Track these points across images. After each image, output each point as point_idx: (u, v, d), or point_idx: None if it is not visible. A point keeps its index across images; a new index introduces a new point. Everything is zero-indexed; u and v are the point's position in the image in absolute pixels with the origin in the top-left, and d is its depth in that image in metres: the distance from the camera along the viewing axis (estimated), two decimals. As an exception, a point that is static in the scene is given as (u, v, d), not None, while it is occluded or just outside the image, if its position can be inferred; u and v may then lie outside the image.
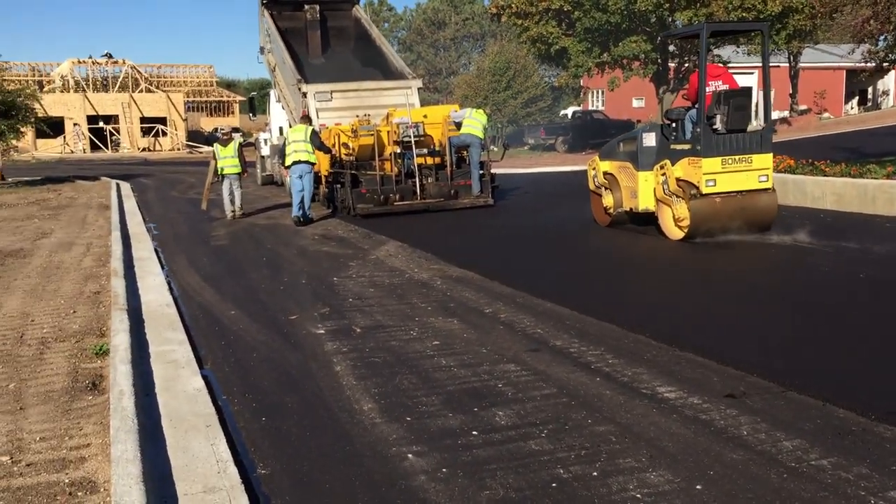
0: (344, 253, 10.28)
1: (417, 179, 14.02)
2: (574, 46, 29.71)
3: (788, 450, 3.87)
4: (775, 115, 44.24)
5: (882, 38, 15.03)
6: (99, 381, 5.03)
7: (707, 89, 9.61)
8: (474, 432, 4.23)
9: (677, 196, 9.79)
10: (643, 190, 10.46)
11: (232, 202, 14.73)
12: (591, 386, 4.87)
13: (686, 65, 30.87)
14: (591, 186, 11.90)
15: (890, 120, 34.95)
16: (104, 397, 4.67)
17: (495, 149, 20.26)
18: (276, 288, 8.23)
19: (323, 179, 14.97)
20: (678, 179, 9.75)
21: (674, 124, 10.23)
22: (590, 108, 47.89)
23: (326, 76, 17.00)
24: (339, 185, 14.60)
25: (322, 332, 6.40)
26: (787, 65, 42.23)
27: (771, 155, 9.70)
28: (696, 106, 9.72)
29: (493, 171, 15.01)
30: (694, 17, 27.26)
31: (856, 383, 4.74)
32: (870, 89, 51.84)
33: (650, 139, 10.43)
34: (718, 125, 9.57)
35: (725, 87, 9.88)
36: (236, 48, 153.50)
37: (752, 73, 48.13)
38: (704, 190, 9.41)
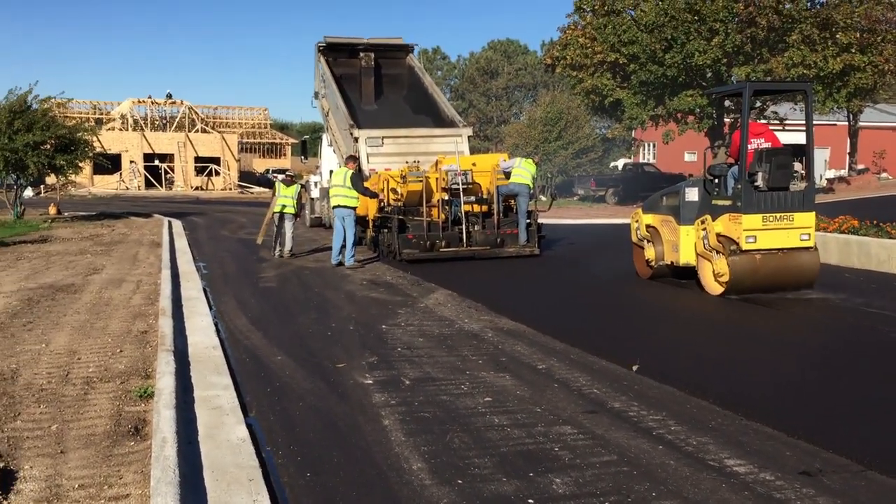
0: (392, 300, 10.13)
1: (464, 227, 14.03)
2: (629, 99, 29.60)
3: (875, 538, 3.54)
4: (831, 173, 43.45)
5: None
6: (142, 425, 4.89)
7: (749, 147, 9.68)
8: (530, 500, 3.97)
9: (717, 251, 9.82)
10: (684, 244, 10.52)
11: (282, 242, 15.06)
12: (653, 454, 4.58)
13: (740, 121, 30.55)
14: (634, 239, 11.98)
15: (952, 182, 33.99)
16: (146, 444, 4.53)
17: (543, 199, 20.18)
18: (323, 333, 8.09)
19: (370, 223, 14.99)
20: (718, 235, 9.78)
21: (716, 180, 10.23)
22: (641, 160, 47.60)
23: (378, 122, 17.20)
24: (385, 230, 14.62)
25: (370, 382, 6.21)
26: (847, 123, 41.53)
27: (813, 214, 9.71)
28: (739, 163, 9.72)
29: (539, 220, 14.98)
30: (752, 73, 27.04)
31: (944, 466, 4.38)
32: (931, 150, 50.67)
33: (693, 194, 10.49)
34: (760, 182, 9.59)
35: (768, 144, 9.98)
36: (290, 92, 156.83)
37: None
38: (744, 246, 9.43)
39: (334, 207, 13.71)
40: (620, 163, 48.54)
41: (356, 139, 16.23)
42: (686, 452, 4.61)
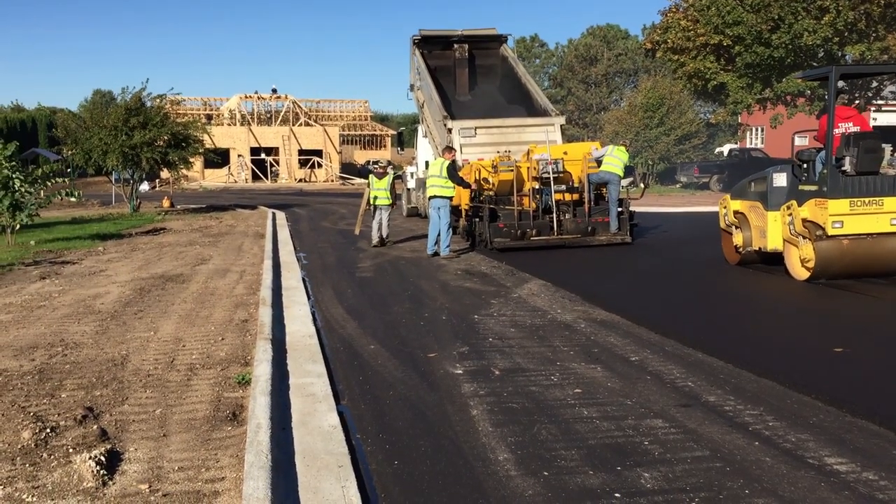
0: (486, 290, 10.14)
1: (555, 215, 14.09)
2: (733, 82, 28.58)
3: None
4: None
5: None
6: (239, 411, 5.07)
7: (837, 131, 9.68)
8: (616, 494, 3.92)
9: (804, 237, 9.81)
10: (772, 230, 10.53)
11: (380, 230, 15.46)
12: (748, 451, 4.44)
13: (857, 101, 29.04)
14: (722, 225, 12.01)
15: None
16: (242, 429, 4.69)
17: (641, 185, 19.93)
18: (416, 323, 8.18)
19: (463, 213, 15.13)
20: (805, 220, 9.76)
21: (804, 165, 10.16)
22: (748, 145, 45.96)
23: (472, 113, 17.33)
24: (478, 219, 14.76)
25: (460, 372, 6.24)
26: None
27: None
28: (825, 147, 9.70)
29: (632, 208, 14.95)
30: (866, 52, 25.67)
31: None
32: None
33: (781, 179, 10.49)
34: (847, 167, 9.51)
35: (856, 129, 9.89)
36: (391, 84, 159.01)
37: (930, 111, 44.81)
38: (830, 231, 9.38)
39: (431, 198, 13.85)
40: (726, 148, 47.00)
41: (449, 130, 16.39)
42: (784, 449, 4.45)
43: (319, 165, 61.22)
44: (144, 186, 42.67)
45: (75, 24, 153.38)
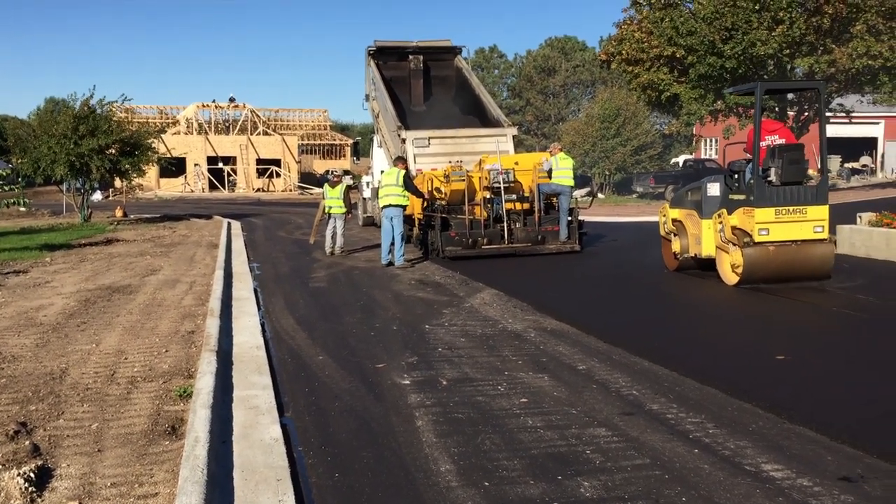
0: (438, 300, 10.13)
1: (506, 224, 14.33)
2: (686, 93, 29.02)
3: (915, 549, 3.39)
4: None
5: None
6: (179, 424, 4.98)
7: (763, 143, 10.27)
8: (556, 504, 3.92)
9: (733, 243, 10.28)
10: (706, 237, 11.01)
11: (333, 240, 15.53)
12: (688, 458, 4.47)
13: (806, 113, 29.69)
14: (662, 233, 12.51)
15: None
16: (180, 443, 4.61)
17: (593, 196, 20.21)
18: (366, 334, 8.13)
19: (416, 222, 15.20)
20: (734, 228, 10.26)
21: (735, 175, 10.63)
22: (702, 156, 46.69)
23: (427, 123, 17.45)
24: (430, 228, 14.87)
25: (408, 382, 6.21)
26: (917, 114, 40.03)
27: (827, 207, 10.05)
28: (752, 159, 10.17)
29: (581, 217, 15.32)
30: (815, 64, 26.26)
31: None
32: None
33: (714, 189, 10.95)
34: (773, 177, 10.05)
35: (782, 141, 10.54)
36: (350, 93, 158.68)
37: (877, 124, 45.98)
38: (757, 238, 9.89)
39: (385, 207, 13.84)
40: (681, 159, 47.70)
41: (404, 140, 16.48)
42: (722, 456, 4.49)
43: (278, 175, 60.77)
44: (97, 196, 41.96)
45: (29, 31, 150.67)
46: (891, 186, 34.07)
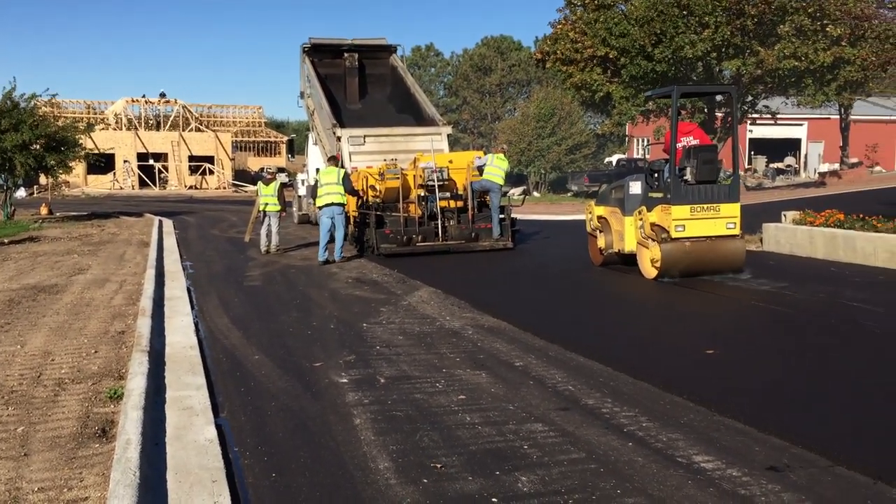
0: (376, 298, 10.10)
1: (440, 222, 14.48)
2: (618, 93, 29.52)
3: (837, 534, 3.52)
4: (825, 167, 43.47)
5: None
6: (109, 427, 4.86)
7: (679, 144, 10.83)
8: (494, 499, 3.95)
9: (652, 239, 10.74)
10: (629, 233, 11.49)
11: (269, 238, 15.40)
12: (622, 451, 4.56)
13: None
14: (588, 229, 12.96)
15: (945, 174, 33.99)
16: (111, 445, 4.49)
17: (524, 194, 20.54)
18: (303, 332, 8.06)
19: (351, 219, 15.22)
20: (653, 224, 10.74)
21: (655, 174, 11.14)
22: (634, 155, 47.57)
23: (362, 121, 17.44)
24: (365, 226, 14.92)
25: (345, 381, 6.18)
26: (838, 117, 41.53)
27: (738, 205, 10.63)
28: (669, 159, 10.72)
29: (513, 215, 15.63)
30: (742, 67, 26.96)
31: (912, 460, 4.36)
32: (923, 143, 50.73)
33: (636, 187, 11.39)
34: (689, 177, 10.61)
35: (696, 142, 11.13)
36: (286, 90, 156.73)
37: (801, 125, 47.53)
38: (674, 234, 10.40)
39: (326, 206, 13.73)
40: (614, 158, 48.53)
41: (339, 138, 16.42)
42: (655, 449, 4.59)
43: (211, 172, 59.69)
44: (21, 193, 40.51)
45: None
46: (813, 186, 35.27)
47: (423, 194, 14.63)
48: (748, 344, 7.38)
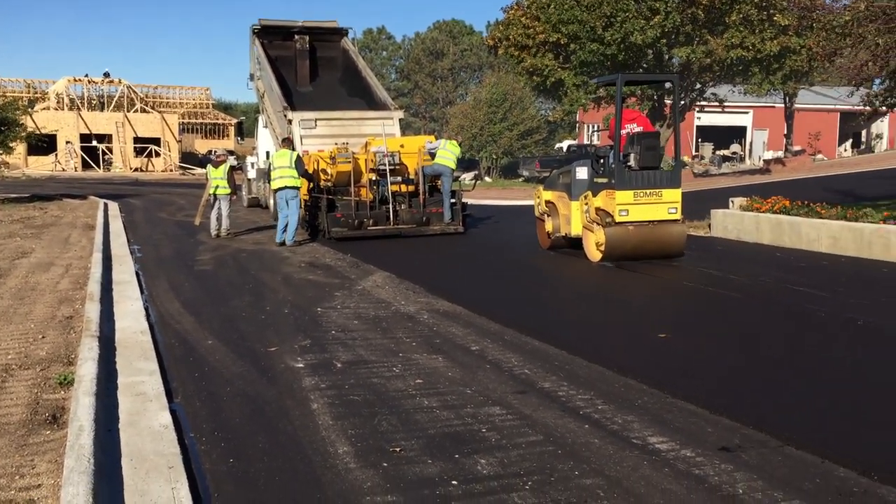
0: (330, 282, 10.04)
1: (391, 206, 14.53)
2: (570, 80, 29.67)
3: (787, 512, 3.63)
4: (769, 154, 44.42)
5: (879, 81, 14.99)
6: (60, 413, 4.75)
7: (623, 131, 11.13)
8: (454, 482, 3.97)
9: (597, 223, 11.02)
10: (575, 217, 11.80)
11: (219, 222, 15.24)
12: (579, 434, 4.62)
13: (683, 102, 30.90)
14: (537, 213, 13.18)
15: (883, 163, 35.03)
16: (63, 432, 4.40)
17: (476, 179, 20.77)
18: (257, 317, 7.97)
19: (302, 203, 15.12)
20: (598, 209, 11.04)
21: (601, 160, 11.41)
22: (585, 141, 47.97)
23: (313, 104, 17.29)
24: (317, 209, 14.91)
25: (301, 365, 6.14)
26: (783, 106, 42.42)
27: (679, 190, 10.96)
28: (613, 145, 10.99)
29: (464, 200, 15.78)
30: (691, 54, 27.30)
31: (856, 439, 4.51)
32: (863, 132, 52.16)
33: (582, 173, 11.67)
34: (632, 162, 10.91)
35: (640, 129, 11.42)
36: (234, 71, 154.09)
37: (747, 113, 48.43)
38: (618, 218, 10.69)
39: (281, 189, 13.77)
40: (565, 144, 48.86)
41: (290, 121, 16.26)
42: (611, 431, 4.66)
43: (157, 154, 58.48)
44: (-43, 174, 39.21)
45: None
46: (759, 173, 36.03)
47: (374, 178, 14.63)
48: (698, 327, 7.54)
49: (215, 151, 18.60)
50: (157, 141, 58.41)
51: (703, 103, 34.17)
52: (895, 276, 9.92)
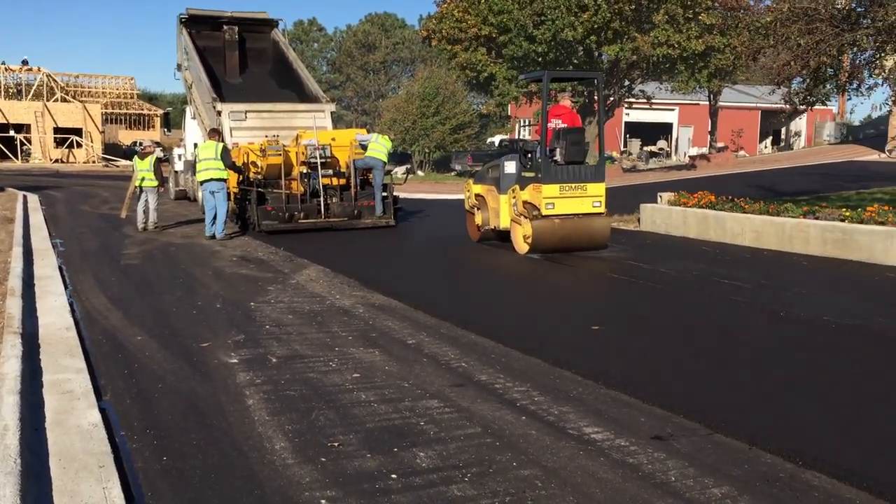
0: (263, 276, 9.91)
1: (322, 199, 14.44)
2: (501, 74, 29.88)
3: (717, 497, 3.74)
4: (694, 150, 45.57)
5: (799, 80, 15.51)
6: (-18, 413, 4.57)
7: (549, 126, 11.42)
8: (393, 475, 3.97)
9: (524, 216, 11.25)
10: (503, 210, 12.01)
11: (146, 215, 14.88)
12: (516, 425, 4.67)
13: (612, 98, 31.44)
14: (467, 207, 13.36)
15: (801, 160, 36.30)
16: (-14, 433, 4.23)
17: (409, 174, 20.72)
18: (188, 312, 7.81)
19: (232, 196, 14.92)
20: (525, 202, 11.26)
21: (529, 154, 11.64)
22: (517, 136, 48.35)
23: (243, 96, 17.05)
24: (247, 202, 14.69)
25: (235, 361, 6.05)
26: (708, 103, 43.56)
27: (603, 184, 11.29)
28: (540, 140, 11.26)
29: (396, 193, 15.85)
30: (620, 52, 27.78)
31: (782, 425, 4.67)
32: (783, 130, 53.98)
33: (511, 167, 11.86)
34: (558, 157, 11.16)
35: (565, 125, 11.58)
36: (160, 61, 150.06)
37: (672, 110, 49.55)
38: (544, 212, 10.96)
39: (206, 181, 13.57)
40: (497, 139, 49.17)
41: (219, 113, 15.98)
42: (547, 422, 4.73)
43: (79, 145, 56.67)
44: None
45: None
46: (685, 169, 36.91)
47: (305, 171, 14.52)
48: (630, 319, 7.69)
49: (141, 143, 18.14)
50: (78, 131, 56.61)
51: (632, 100, 34.82)
52: (814, 269, 10.30)
